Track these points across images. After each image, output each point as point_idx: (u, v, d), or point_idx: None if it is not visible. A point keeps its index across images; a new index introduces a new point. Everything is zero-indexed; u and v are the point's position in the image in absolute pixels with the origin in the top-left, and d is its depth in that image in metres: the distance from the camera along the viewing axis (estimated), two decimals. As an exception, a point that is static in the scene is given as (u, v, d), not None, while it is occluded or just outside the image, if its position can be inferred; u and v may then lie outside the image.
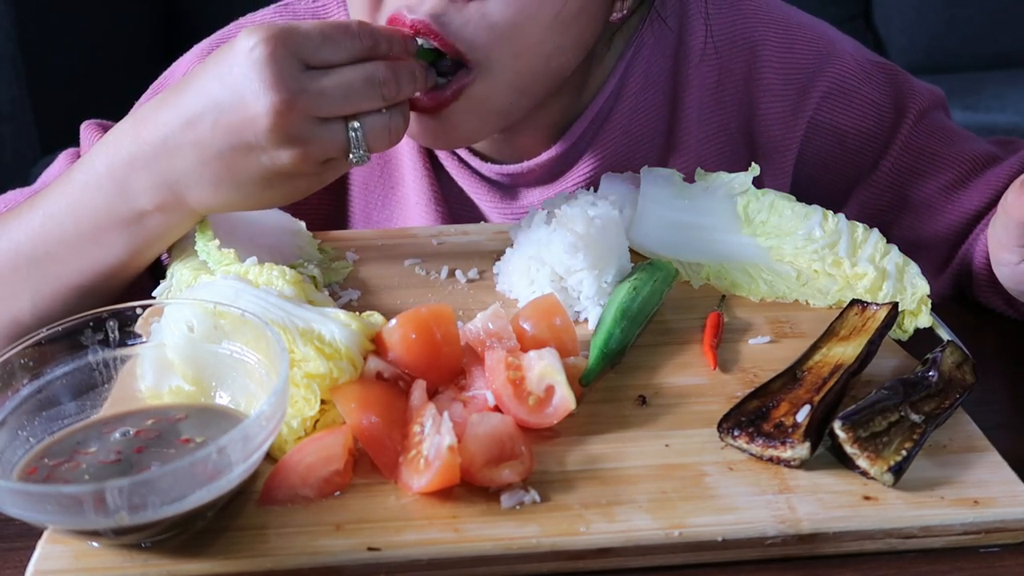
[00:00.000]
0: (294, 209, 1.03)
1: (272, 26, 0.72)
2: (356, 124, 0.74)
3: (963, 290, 0.98)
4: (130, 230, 0.78)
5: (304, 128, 0.72)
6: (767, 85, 1.02)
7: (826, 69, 1.02)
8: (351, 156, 0.74)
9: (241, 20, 1.03)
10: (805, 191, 1.05)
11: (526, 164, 0.99)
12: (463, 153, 1.00)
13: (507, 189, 1.02)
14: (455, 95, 0.84)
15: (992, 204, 0.97)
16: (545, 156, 0.99)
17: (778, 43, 1.02)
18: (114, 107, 1.07)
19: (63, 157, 0.99)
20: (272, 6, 1.05)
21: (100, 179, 0.77)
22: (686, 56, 1.01)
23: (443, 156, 1.01)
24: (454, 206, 1.02)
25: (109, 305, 0.70)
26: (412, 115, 0.83)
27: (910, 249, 1.01)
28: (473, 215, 1.03)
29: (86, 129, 0.99)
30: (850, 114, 1.03)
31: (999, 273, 0.81)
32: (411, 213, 1.03)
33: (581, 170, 1.00)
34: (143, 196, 0.77)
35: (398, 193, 1.03)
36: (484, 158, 1.00)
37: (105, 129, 0.97)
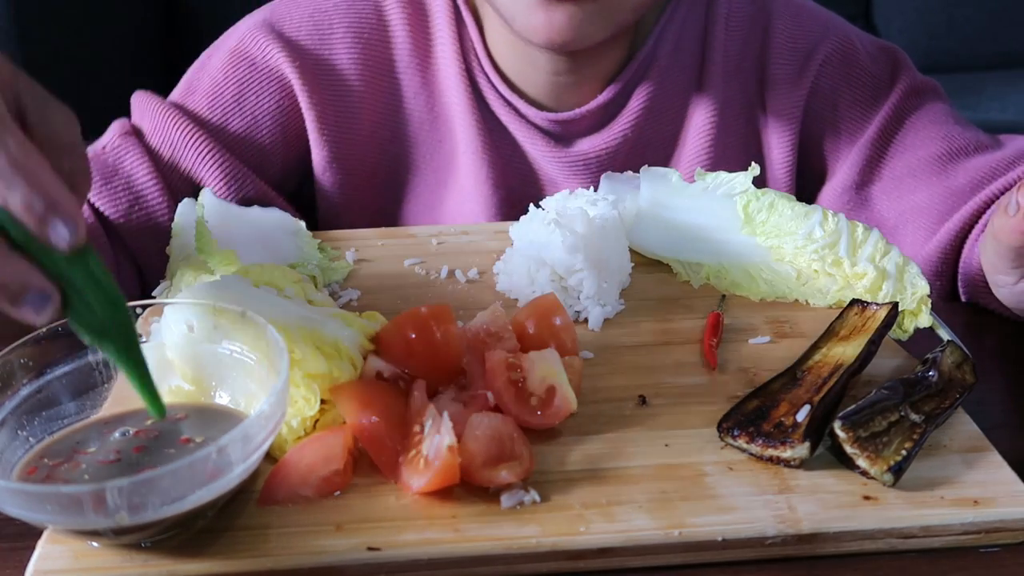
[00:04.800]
0: (351, 159, 1.04)
1: None
2: None
3: (946, 269, 0.98)
4: None
5: None
6: (776, 52, 1.07)
7: (829, 38, 1.07)
8: None
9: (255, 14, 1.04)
10: (804, 160, 1.08)
11: (577, 111, 1.03)
12: (516, 102, 1.03)
13: (557, 138, 1.05)
14: None
15: (977, 187, 0.98)
16: (594, 103, 1.03)
17: (788, 19, 1.08)
18: (114, 106, 1.07)
19: (116, 126, 1.00)
20: None
21: None
22: (713, 22, 1.06)
23: (494, 103, 1.04)
24: (504, 154, 1.05)
25: None
26: (556, 3, 0.87)
27: (896, 220, 1.02)
28: (523, 165, 1.06)
29: (141, 98, 1.01)
30: (848, 82, 1.07)
31: (998, 294, 0.81)
32: (459, 162, 1.05)
33: (626, 118, 1.04)
34: None
35: (446, 146, 1.06)
36: (539, 107, 1.04)
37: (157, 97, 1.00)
